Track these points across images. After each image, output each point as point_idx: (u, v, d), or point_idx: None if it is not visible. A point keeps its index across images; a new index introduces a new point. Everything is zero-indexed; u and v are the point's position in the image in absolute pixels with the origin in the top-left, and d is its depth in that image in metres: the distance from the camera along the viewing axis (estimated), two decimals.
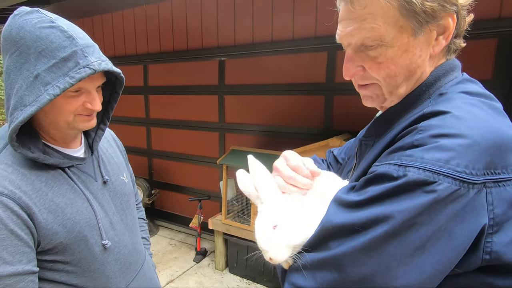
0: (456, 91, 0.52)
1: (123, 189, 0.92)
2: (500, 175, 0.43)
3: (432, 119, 0.47)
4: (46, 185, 0.72)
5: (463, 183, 0.42)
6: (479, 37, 2.01)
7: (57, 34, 0.66)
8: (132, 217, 0.95)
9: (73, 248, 0.74)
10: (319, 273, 0.48)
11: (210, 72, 3.19)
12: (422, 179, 0.42)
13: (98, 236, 0.79)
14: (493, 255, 0.44)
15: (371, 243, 0.44)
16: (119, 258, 0.85)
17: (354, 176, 0.61)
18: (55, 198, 0.72)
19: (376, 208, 0.45)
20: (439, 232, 0.42)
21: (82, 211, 0.77)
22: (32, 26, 0.66)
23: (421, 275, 0.43)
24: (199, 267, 2.99)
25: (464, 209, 0.42)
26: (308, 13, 2.55)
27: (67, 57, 0.66)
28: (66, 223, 0.73)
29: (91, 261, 0.78)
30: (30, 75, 0.65)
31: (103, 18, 3.82)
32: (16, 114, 0.65)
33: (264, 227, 0.54)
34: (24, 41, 0.65)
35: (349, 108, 2.53)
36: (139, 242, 0.96)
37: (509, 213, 0.44)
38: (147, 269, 0.98)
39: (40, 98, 0.64)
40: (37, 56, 0.65)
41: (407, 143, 0.47)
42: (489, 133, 0.44)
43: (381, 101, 0.60)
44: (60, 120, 0.73)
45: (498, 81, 2.03)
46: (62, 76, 0.65)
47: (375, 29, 0.52)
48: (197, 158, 3.47)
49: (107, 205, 0.85)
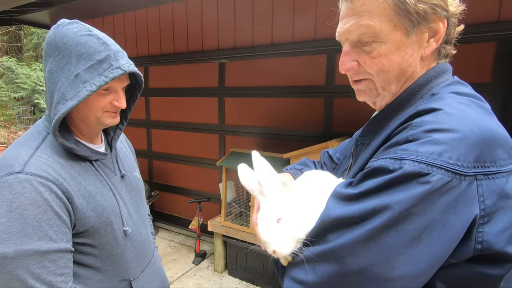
0: (448, 92, 0.55)
1: (137, 184, 1.03)
2: (489, 168, 0.46)
3: (425, 115, 0.50)
4: (79, 174, 0.81)
5: (455, 175, 0.44)
6: (478, 40, 2.01)
7: (94, 40, 0.78)
8: (144, 210, 1.05)
9: (101, 232, 0.83)
10: (319, 266, 0.49)
11: (210, 74, 3.20)
12: (417, 171, 0.44)
13: (120, 223, 0.88)
14: (484, 245, 0.46)
15: (369, 234, 0.45)
16: (136, 245, 0.94)
17: (351, 173, 0.63)
18: (88, 186, 0.82)
19: (373, 200, 0.46)
20: (434, 222, 0.44)
21: (108, 200, 0.86)
22: (73, 33, 0.78)
23: (417, 265, 0.45)
24: (198, 269, 2.98)
25: (457, 200, 0.44)
26: (308, 16, 2.56)
27: (102, 60, 0.78)
28: (96, 209, 0.82)
29: (115, 246, 0.87)
30: (71, 74, 0.76)
31: (105, 20, 3.84)
32: (59, 107, 0.76)
33: (268, 220, 0.54)
34: (66, 46, 0.77)
35: (349, 110, 2.54)
36: (150, 233, 1.06)
37: (498, 204, 0.46)
38: (157, 259, 1.08)
39: (80, 93, 0.75)
40: (77, 58, 0.76)
41: (402, 139, 0.49)
42: (479, 129, 0.46)
43: (374, 95, 0.63)
44: (91, 116, 0.83)
45: (497, 84, 2.04)
46: (98, 76, 0.77)
47: (371, 26, 0.55)
48: (197, 160, 3.48)
49: (125, 197, 0.95)
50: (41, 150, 0.78)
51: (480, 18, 1.95)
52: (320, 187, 0.61)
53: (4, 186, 0.70)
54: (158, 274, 1.05)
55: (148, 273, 0.98)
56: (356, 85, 0.64)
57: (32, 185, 0.71)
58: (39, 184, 0.72)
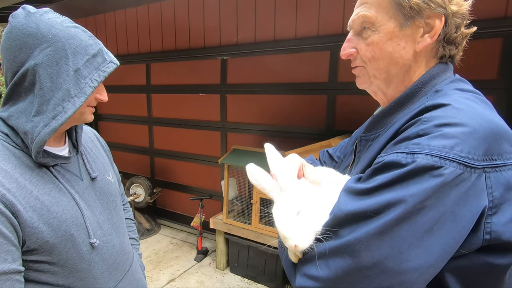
0: (451, 88, 0.57)
1: (109, 189, 0.92)
2: (497, 161, 0.47)
3: (434, 111, 0.51)
4: (30, 183, 0.71)
5: (466, 167, 0.45)
6: (485, 37, 1.98)
7: (82, 33, 0.74)
8: (118, 217, 0.94)
9: (59, 248, 0.73)
10: (332, 260, 0.49)
11: (212, 71, 3.19)
12: (430, 164, 0.45)
13: (85, 235, 0.78)
14: (492, 235, 0.47)
15: (384, 227, 0.45)
16: (107, 258, 0.84)
17: (358, 169, 0.63)
18: (41, 196, 0.72)
19: (387, 193, 0.47)
20: (445, 214, 0.45)
21: (68, 210, 0.76)
22: (60, 25, 0.72)
23: (430, 257, 0.45)
24: (200, 266, 2.99)
25: (467, 193, 0.45)
26: (311, 12, 2.53)
27: (96, 54, 0.74)
28: (52, 222, 0.72)
29: (78, 261, 0.77)
30: (70, 69, 0.70)
31: (106, 17, 3.83)
32: (65, 105, 0.70)
33: (288, 213, 0.53)
34: (57, 38, 0.70)
35: (352, 108, 2.51)
36: (126, 243, 0.95)
37: (505, 195, 0.48)
38: (135, 270, 0.98)
39: (84, 89, 0.71)
40: (72, 52, 0.71)
41: (413, 133, 0.49)
42: (486, 123, 0.48)
43: (366, 83, 0.66)
44: (77, 112, 0.75)
45: (504, 80, 2.00)
46: (95, 70, 0.73)
47: (368, 16, 0.60)
48: (199, 157, 3.47)
49: (94, 205, 0.84)
50: None
51: (486, 14, 1.91)
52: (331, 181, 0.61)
53: None
54: (136, 285, 0.96)
55: (124, 287, 0.90)
56: (354, 71, 0.68)
57: None
58: None
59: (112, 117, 4.13)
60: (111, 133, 4.14)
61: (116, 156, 4.40)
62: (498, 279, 0.51)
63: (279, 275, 2.56)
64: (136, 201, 3.59)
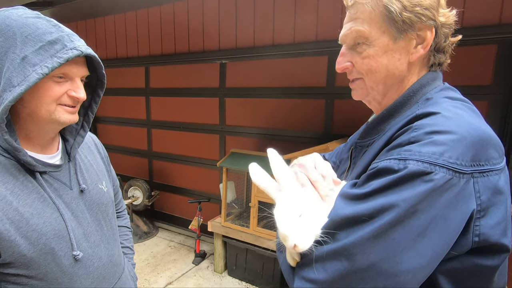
0: (441, 97, 0.59)
1: (101, 199, 0.88)
2: (484, 166, 0.50)
3: (424, 119, 0.54)
4: (12, 193, 0.68)
5: (455, 173, 0.47)
6: (479, 43, 2.01)
7: (44, 22, 0.69)
8: (109, 228, 0.90)
9: (38, 262, 0.70)
10: (329, 264, 0.50)
11: (211, 75, 3.21)
12: (421, 170, 0.47)
13: (69, 248, 0.75)
14: (481, 237, 0.50)
15: (378, 231, 0.47)
16: (92, 271, 0.80)
17: (353, 174, 0.65)
18: (20, 207, 0.68)
19: (381, 198, 0.48)
20: (437, 218, 0.47)
21: (50, 222, 0.72)
22: (18, 16, 0.68)
23: (422, 259, 0.47)
24: (198, 270, 2.98)
25: (456, 197, 0.48)
26: (309, 17, 2.56)
27: (54, 40, 0.67)
28: (30, 235, 0.68)
29: (59, 275, 0.73)
30: (16, 57, 0.65)
31: (106, 20, 3.84)
32: (5, 95, 0.64)
33: (290, 215, 0.54)
34: (9, 28, 0.66)
35: (349, 112, 2.54)
36: (116, 254, 0.91)
37: (492, 199, 0.50)
38: (125, 282, 0.93)
39: (29, 77, 0.64)
40: (23, 40, 0.65)
41: (405, 140, 0.52)
42: (474, 131, 0.50)
43: (364, 94, 0.68)
44: (42, 109, 0.70)
45: (498, 86, 2.03)
46: (50, 58, 0.66)
47: (361, 31, 0.61)
48: (197, 160, 3.48)
49: (82, 215, 0.81)
50: None
51: (481, 21, 1.95)
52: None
53: None
54: None
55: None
56: (351, 84, 0.70)
57: None
58: None
59: (111, 120, 4.13)
60: (109, 136, 4.15)
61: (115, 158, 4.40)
62: (488, 279, 0.53)
63: (277, 278, 2.57)
64: (134, 204, 3.59)
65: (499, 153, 0.53)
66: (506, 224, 0.52)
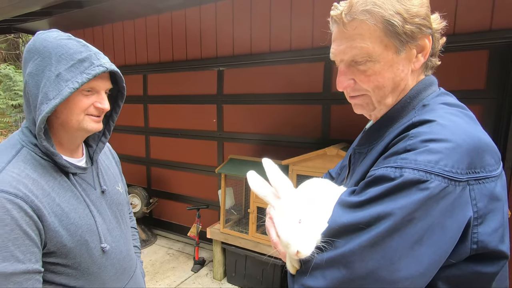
0: (437, 103, 0.60)
1: (118, 199, 0.98)
2: (480, 173, 0.50)
3: (420, 127, 0.54)
4: (53, 190, 0.78)
5: (451, 181, 0.48)
6: (472, 48, 2.06)
7: (74, 43, 0.79)
8: (125, 225, 1.00)
9: (75, 252, 0.79)
10: (328, 271, 0.51)
11: (209, 82, 3.23)
12: (417, 178, 0.47)
13: (97, 241, 0.84)
14: (479, 244, 0.50)
15: (375, 239, 0.48)
16: (115, 263, 0.90)
17: (352, 181, 0.65)
18: (61, 203, 0.78)
19: (377, 206, 0.49)
20: (433, 226, 0.47)
21: (83, 217, 0.82)
22: (53, 38, 0.78)
23: (420, 266, 0.48)
24: (197, 277, 2.96)
25: (453, 205, 0.48)
26: (305, 24, 2.61)
27: (83, 59, 0.77)
28: (69, 227, 0.78)
29: (90, 265, 0.83)
30: (52, 74, 0.75)
31: (104, 29, 3.88)
32: (42, 107, 0.74)
33: (290, 221, 0.55)
34: (46, 49, 0.77)
35: (346, 117, 2.57)
36: (131, 249, 1.02)
37: (489, 206, 0.50)
38: (138, 276, 1.04)
39: (62, 92, 0.74)
40: (57, 59, 0.76)
41: (401, 148, 0.52)
42: (469, 138, 0.51)
43: (371, 109, 0.67)
44: (72, 119, 0.80)
45: (491, 91, 2.07)
46: (80, 74, 0.76)
47: (364, 48, 0.60)
48: (196, 166, 3.48)
49: (105, 213, 0.90)
50: (13, 165, 0.74)
51: (473, 27, 1.99)
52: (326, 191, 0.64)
53: None
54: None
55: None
56: (353, 100, 0.68)
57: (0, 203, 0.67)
58: (7, 202, 0.68)
59: None
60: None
61: None
62: (487, 286, 0.53)
63: (276, 285, 2.56)
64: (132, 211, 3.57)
65: (495, 160, 0.53)
66: (504, 231, 0.52)
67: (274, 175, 0.60)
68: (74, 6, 2.95)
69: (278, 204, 0.58)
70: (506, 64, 2.01)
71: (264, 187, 0.61)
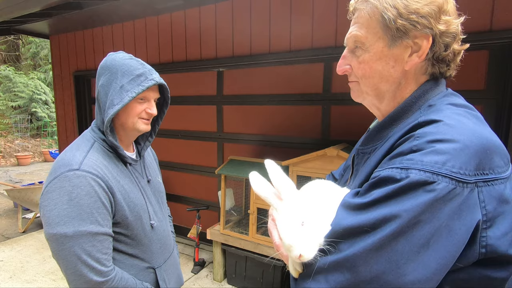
0: (444, 103, 0.58)
1: (159, 188, 1.22)
2: (488, 175, 0.48)
3: (426, 127, 0.52)
4: (118, 175, 0.99)
5: (458, 183, 0.46)
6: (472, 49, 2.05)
7: (134, 62, 1.01)
8: (165, 210, 1.25)
9: (133, 225, 1.00)
10: (331, 275, 0.49)
11: (208, 83, 3.23)
12: (423, 179, 0.46)
13: (148, 218, 1.06)
14: (488, 248, 0.48)
15: (380, 242, 0.46)
16: (160, 238, 1.11)
17: (356, 182, 0.64)
18: (124, 185, 1.00)
19: (383, 208, 0.48)
20: (440, 229, 0.46)
21: (138, 198, 1.04)
22: (120, 58, 1.01)
23: (427, 270, 0.46)
24: (197, 278, 2.95)
25: (460, 207, 0.46)
26: (305, 25, 2.61)
27: (140, 74, 0.99)
28: (130, 204, 1.00)
29: (143, 237, 1.04)
30: (117, 86, 0.97)
31: (103, 30, 3.88)
32: (109, 111, 0.96)
33: (292, 224, 0.54)
34: (114, 66, 0.99)
35: (346, 117, 2.56)
36: (170, 231, 1.24)
37: (499, 209, 0.48)
38: (175, 256, 1.25)
39: (124, 99, 0.96)
40: (122, 74, 0.98)
41: (407, 149, 0.51)
42: (477, 138, 0.49)
43: (360, 97, 0.69)
44: (129, 121, 1.03)
45: (491, 91, 2.07)
46: (137, 86, 0.98)
47: (359, 35, 0.63)
48: (196, 167, 3.48)
49: (151, 197, 1.13)
50: (91, 154, 0.96)
51: (473, 28, 1.99)
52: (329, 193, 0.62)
53: (65, 180, 0.87)
54: (176, 268, 1.23)
55: (169, 264, 1.16)
56: (350, 84, 0.71)
57: (87, 180, 0.89)
58: (92, 180, 0.89)
59: None
60: None
61: None
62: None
63: (277, 286, 2.55)
64: None
65: (505, 161, 0.51)
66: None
67: (276, 177, 0.60)
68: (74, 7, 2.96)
69: (280, 206, 0.57)
70: (506, 64, 2.01)
71: (266, 189, 0.60)
